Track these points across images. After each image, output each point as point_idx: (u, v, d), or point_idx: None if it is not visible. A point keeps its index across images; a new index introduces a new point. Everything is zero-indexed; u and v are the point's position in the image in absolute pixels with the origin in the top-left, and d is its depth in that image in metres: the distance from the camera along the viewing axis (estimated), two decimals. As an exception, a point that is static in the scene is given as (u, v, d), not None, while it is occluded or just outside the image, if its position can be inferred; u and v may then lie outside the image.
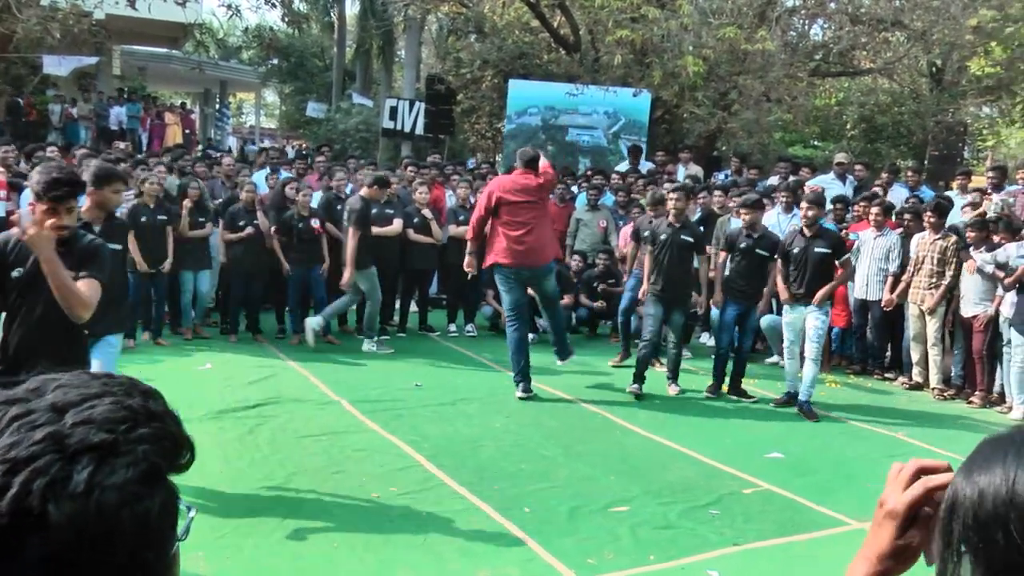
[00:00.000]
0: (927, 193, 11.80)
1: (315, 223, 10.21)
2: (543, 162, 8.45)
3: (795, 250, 8.42)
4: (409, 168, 12.87)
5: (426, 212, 10.88)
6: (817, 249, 8.30)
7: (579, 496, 5.84)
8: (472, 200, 10.95)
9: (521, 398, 8.21)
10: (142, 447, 0.97)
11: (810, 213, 8.38)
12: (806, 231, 8.43)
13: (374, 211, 10.38)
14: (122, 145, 15.87)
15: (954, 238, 9.44)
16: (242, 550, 4.86)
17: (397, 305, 11.15)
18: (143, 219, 9.36)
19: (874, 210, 10.05)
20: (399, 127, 18.56)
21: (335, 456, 6.41)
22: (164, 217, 9.64)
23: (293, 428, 7.03)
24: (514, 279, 8.32)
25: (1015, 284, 8.66)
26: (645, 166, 14.52)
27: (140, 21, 17.06)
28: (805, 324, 8.39)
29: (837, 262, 8.42)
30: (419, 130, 18.41)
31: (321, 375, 8.69)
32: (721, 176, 14.24)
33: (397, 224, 10.61)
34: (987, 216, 9.95)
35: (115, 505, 0.92)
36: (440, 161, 14.94)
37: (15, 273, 4.19)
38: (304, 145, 24.07)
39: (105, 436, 0.95)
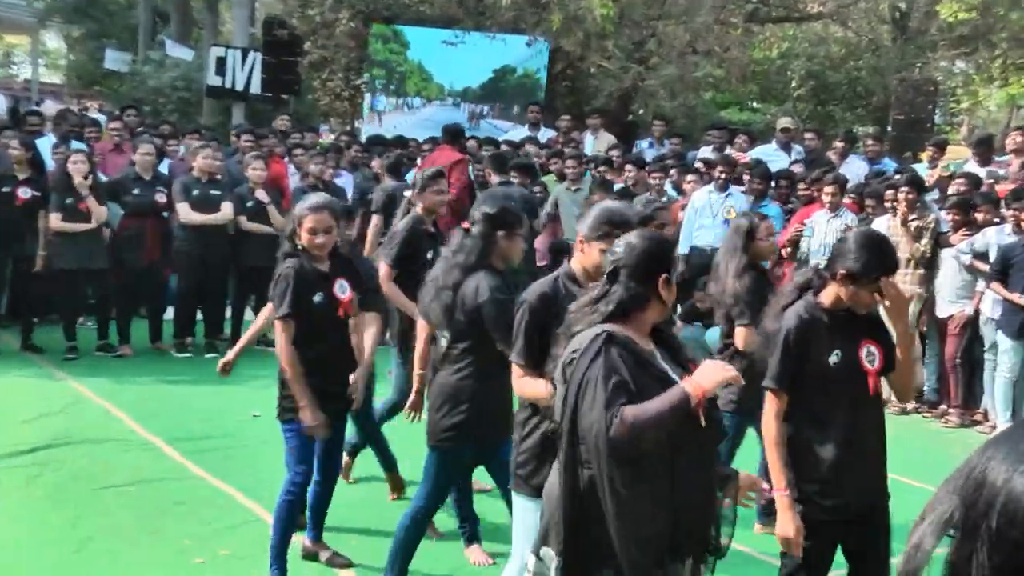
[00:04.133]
0: (889, 166, 12.17)
1: (263, 196, 10.74)
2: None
3: None
4: (244, 137, 12.70)
5: (261, 194, 10.75)
6: None
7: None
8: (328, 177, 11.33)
9: None
10: None
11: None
12: None
13: (195, 193, 10.27)
14: None
15: (931, 216, 9.72)
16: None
17: (228, 313, 11.00)
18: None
19: (828, 188, 10.25)
20: (229, 84, 18.22)
21: (147, 511, 6.29)
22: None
23: (89, 477, 6.89)
24: None
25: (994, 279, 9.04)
26: (545, 134, 14.63)
27: None
28: None
29: None
30: (255, 88, 18.12)
31: (127, 406, 8.48)
32: (644, 145, 14.43)
33: (226, 209, 10.46)
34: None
35: None
36: (288, 128, 14.76)
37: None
38: (100, 105, 23.44)
39: None
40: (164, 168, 11.49)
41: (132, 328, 10.67)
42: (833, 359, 4.09)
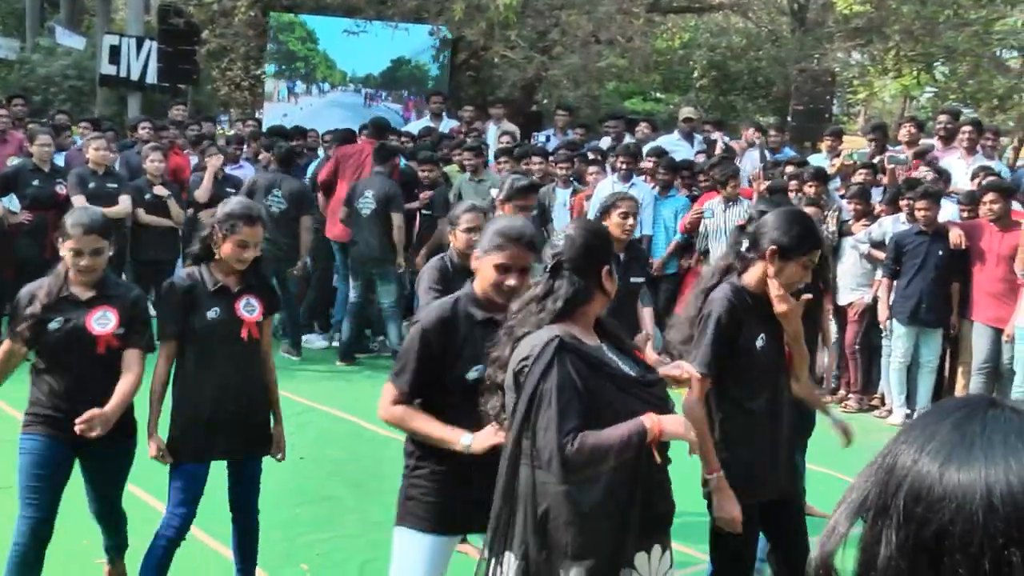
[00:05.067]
0: (787, 155, 12.42)
1: (161, 190, 10.62)
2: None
3: None
4: (141, 125, 12.56)
5: (160, 190, 10.64)
6: None
7: (372, 547, 5.90)
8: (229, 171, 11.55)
9: None
10: None
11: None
12: None
13: (91, 185, 10.11)
14: None
15: (835, 205, 10.03)
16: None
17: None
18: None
19: (732, 182, 10.39)
20: (123, 74, 17.97)
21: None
22: None
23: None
24: None
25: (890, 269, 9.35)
26: (447, 124, 14.65)
27: None
28: None
29: None
30: (151, 78, 17.89)
31: (19, 405, 8.18)
32: (542, 137, 14.53)
33: (124, 202, 10.34)
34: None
35: None
36: (183, 118, 14.60)
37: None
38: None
39: None
40: (60, 160, 11.29)
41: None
42: (760, 343, 4.08)
